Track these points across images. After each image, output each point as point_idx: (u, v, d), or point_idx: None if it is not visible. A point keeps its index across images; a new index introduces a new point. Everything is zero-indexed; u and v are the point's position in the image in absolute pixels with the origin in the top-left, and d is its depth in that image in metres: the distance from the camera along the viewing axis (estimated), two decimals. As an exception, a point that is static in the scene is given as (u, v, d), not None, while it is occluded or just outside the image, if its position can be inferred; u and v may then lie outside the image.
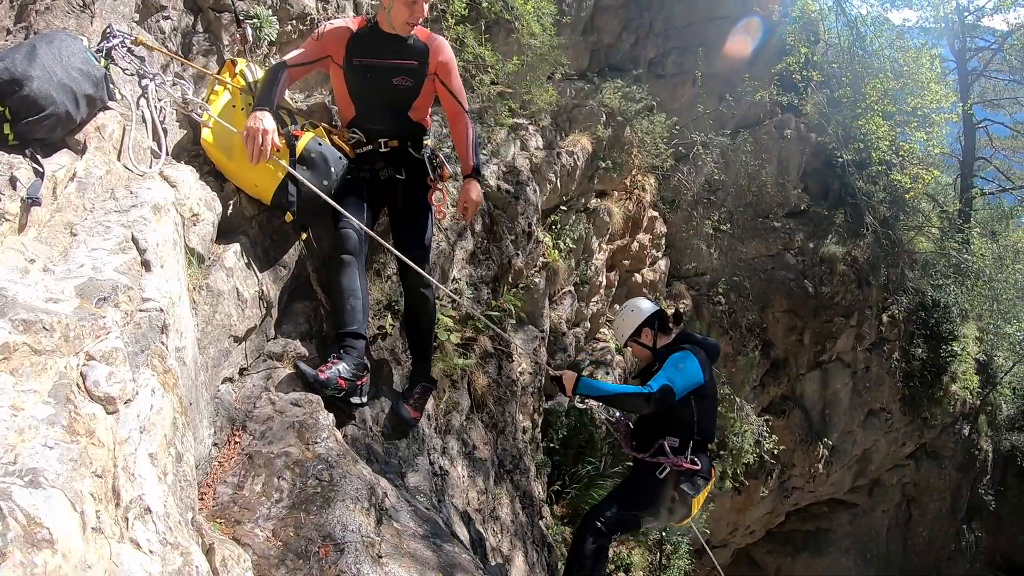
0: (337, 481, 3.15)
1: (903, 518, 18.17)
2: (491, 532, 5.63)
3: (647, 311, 4.84)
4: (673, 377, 4.26)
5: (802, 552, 16.62)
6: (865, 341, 14.66)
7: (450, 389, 5.33)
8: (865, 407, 15.15)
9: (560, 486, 8.19)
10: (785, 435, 12.77)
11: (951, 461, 18.13)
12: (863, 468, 16.04)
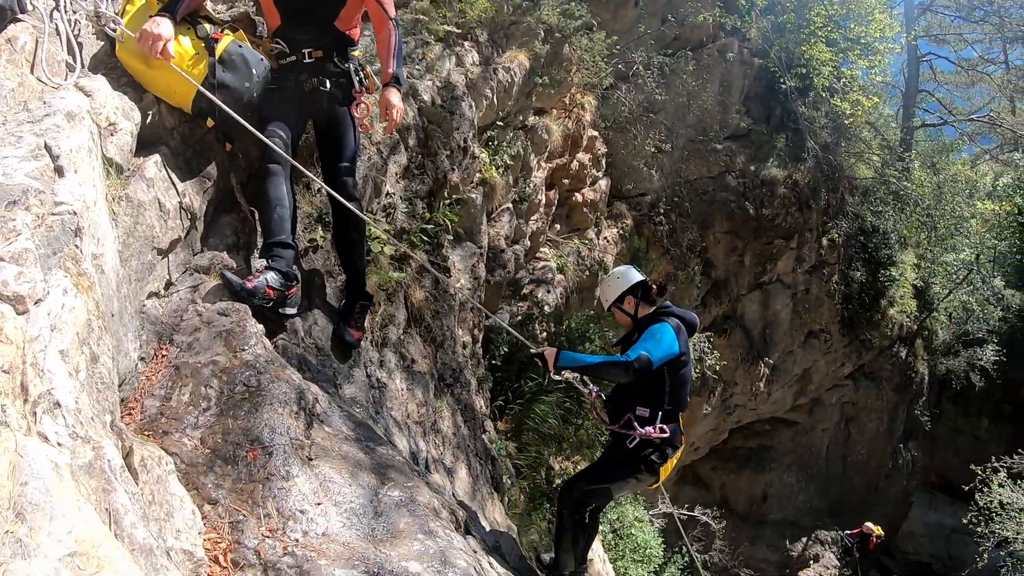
0: (265, 386, 3.15)
1: (842, 436, 18.83)
2: (432, 444, 5.67)
3: (632, 280, 4.87)
4: (651, 347, 4.34)
5: (745, 468, 17.18)
6: (805, 263, 15.02)
7: (385, 303, 5.35)
8: (805, 328, 15.59)
9: (503, 401, 8.28)
10: (727, 354, 13.09)
11: (888, 382, 18.77)
12: (803, 387, 16.55)
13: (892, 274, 17.15)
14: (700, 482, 16.72)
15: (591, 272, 10.15)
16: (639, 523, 10.78)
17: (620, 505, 10.57)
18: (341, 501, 3.12)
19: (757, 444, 17.39)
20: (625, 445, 4.57)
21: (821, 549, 18.11)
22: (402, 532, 3.16)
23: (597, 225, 10.60)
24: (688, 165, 12.42)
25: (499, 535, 6.20)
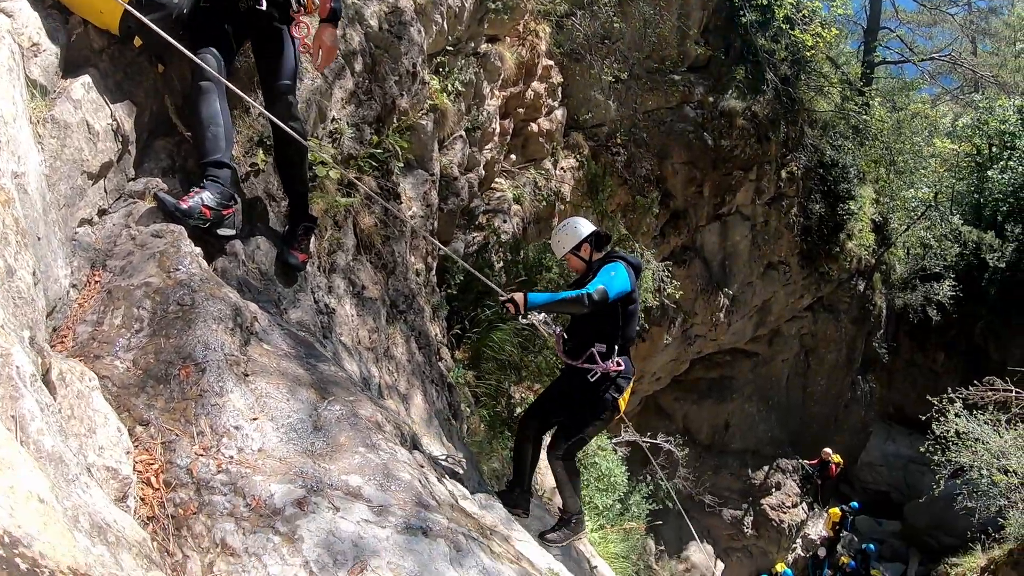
0: (199, 304, 3.05)
1: (802, 367, 19.18)
2: (386, 371, 5.62)
3: (588, 230, 5.20)
4: (607, 282, 4.68)
5: (707, 399, 17.46)
6: (764, 195, 15.07)
7: (333, 228, 5.23)
8: (764, 259, 15.72)
9: (460, 330, 8.26)
10: (686, 284, 13.15)
11: (847, 314, 19.08)
12: (763, 318, 16.76)
13: (851, 208, 17.31)
14: (663, 413, 16.96)
15: (548, 203, 10.07)
16: (602, 452, 10.91)
17: (582, 436, 10.71)
18: (278, 416, 3.03)
19: (718, 375, 17.65)
20: (587, 380, 4.96)
21: (783, 477, 18.57)
22: (343, 446, 3.08)
23: (553, 155, 10.47)
24: (646, 96, 12.26)
25: (456, 460, 6.20)
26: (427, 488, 3.22)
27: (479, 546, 3.00)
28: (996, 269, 22.05)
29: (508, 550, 3.48)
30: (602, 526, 11.02)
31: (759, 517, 18.27)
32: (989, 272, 22.34)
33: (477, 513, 4.85)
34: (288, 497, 2.71)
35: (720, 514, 17.75)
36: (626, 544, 11.67)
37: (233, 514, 2.65)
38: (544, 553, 5.75)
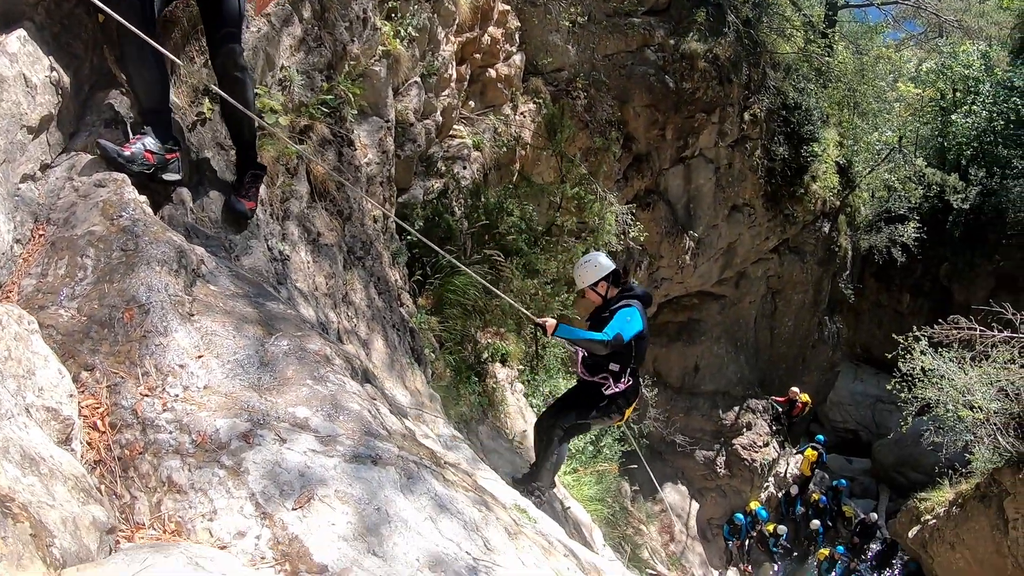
0: (143, 248, 3.02)
1: (769, 309, 19.39)
2: (344, 316, 5.61)
3: (606, 269, 5.89)
4: (623, 328, 5.28)
5: (676, 342, 17.62)
6: (727, 138, 15.06)
7: (285, 175, 5.18)
8: (729, 202, 15.77)
9: (422, 276, 8.27)
10: (651, 228, 13.19)
11: (812, 256, 19.27)
12: (729, 261, 16.86)
13: (815, 150, 17.36)
14: (633, 359, 17.07)
15: (508, 148, 10.00)
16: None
17: (551, 379, 10.74)
18: (224, 353, 3.03)
19: (686, 318, 17.78)
20: (602, 393, 5.75)
21: (753, 417, 18.86)
22: (290, 379, 3.08)
23: (513, 101, 10.36)
24: (605, 39, 12.14)
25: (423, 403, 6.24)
26: (378, 419, 3.23)
27: (431, 474, 3.02)
28: (960, 211, 22.39)
29: (464, 480, 3.51)
30: (575, 469, 11.15)
31: (731, 457, 18.59)
32: (953, 214, 22.71)
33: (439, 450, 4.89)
34: (233, 431, 2.71)
35: (693, 455, 18.05)
36: (600, 486, 11.81)
37: (179, 451, 2.66)
38: (511, 491, 5.82)
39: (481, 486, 4.86)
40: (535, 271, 8.58)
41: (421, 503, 2.78)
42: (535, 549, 3.37)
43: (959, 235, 23.17)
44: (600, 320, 5.72)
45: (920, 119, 23.92)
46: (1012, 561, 11.64)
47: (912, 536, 15.15)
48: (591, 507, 10.95)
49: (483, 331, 9.14)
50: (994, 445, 12.66)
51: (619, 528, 12.78)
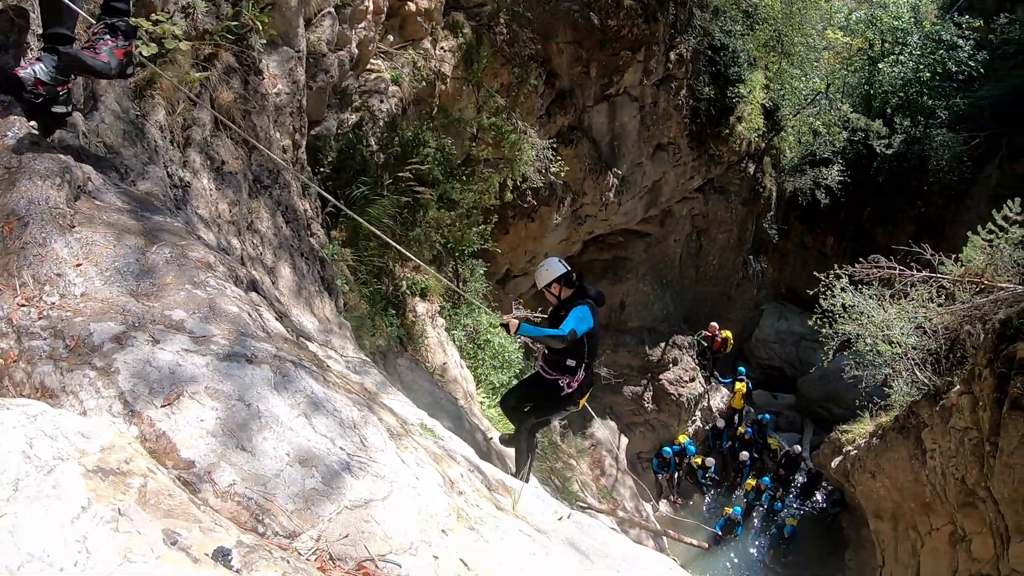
0: (26, 164, 2.96)
1: (694, 247, 19.72)
2: (249, 244, 5.58)
3: (557, 272, 6.40)
4: (576, 325, 5.87)
5: (602, 279, 17.78)
6: (652, 77, 15.08)
7: (187, 103, 5.07)
8: (653, 141, 15.85)
9: (336, 209, 8.23)
10: (574, 164, 13.24)
11: (737, 196, 19.60)
12: (654, 199, 17.03)
13: (740, 92, 17.49)
14: (559, 296, 17.16)
15: (428, 82, 9.91)
16: (494, 329, 11.11)
17: (473, 313, 10.83)
18: (103, 262, 3.03)
19: (612, 256, 17.96)
20: (559, 388, 6.41)
21: (679, 353, 19.25)
22: (169, 285, 3.09)
23: (433, 35, 10.21)
24: (528, -26, 12.00)
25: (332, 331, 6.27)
26: (258, 322, 3.27)
27: (309, 374, 3.07)
28: (884, 157, 23.04)
29: (349, 385, 3.58)
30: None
31: (658, 392, 18.98)
32: (878, 160, 23.37)
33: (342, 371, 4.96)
34: (106, 334, 2.73)
35: (621, 390, 18.39)
36: (526, 419, 12.01)
37: (52, 356, 2.67)
38: (419, 411, 5.93)
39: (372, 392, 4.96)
40: (452, 202, 8.59)
41: (295, 400, 2.83)
42: (421, 452, 3.46)
43: (883, 180, 23.87)
44: (557, 318, 6.32)
45: (848, 67, 24.32)
46: (930, 489, 12.16)
47: (835, 466, 15.70)
48: (518, 439, 11.16)
49: (402, 265, 9.17)
50: (912, 379, 13.13)
51: (548, 462, 13.04)
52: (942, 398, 11.67)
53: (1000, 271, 10.38)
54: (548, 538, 4.51)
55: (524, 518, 4.54)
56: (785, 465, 19.85)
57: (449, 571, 2.67)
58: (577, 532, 5.48)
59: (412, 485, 2.91)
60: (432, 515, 2.84)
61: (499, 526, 3.39)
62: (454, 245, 9.37)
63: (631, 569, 5.23)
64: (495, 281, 12.99)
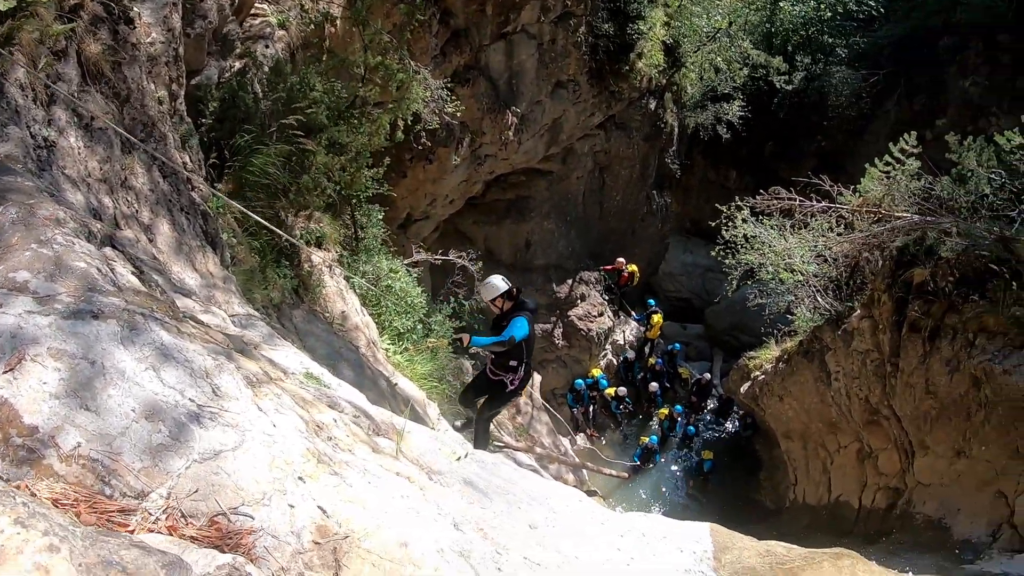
0: None
1: (597, 184, 19.88)
2: (123, 202, 5.39)
3: (500, 289, 7.72)
4: (516, 332, 7.28)
5: (505, 219, 17.82)
6: (550, 14, 14.92)
7: (50, 58, 4.89)
8: (552, 78, 15.77)
9: (219, 160, 7.98)
10: (471, 104, 13.12)
11: (639, 132, 19.75)
12: (555, 137, 17.02)
13: (641, 28, 17.47)
14: (463, 237, 17.18)
15: (316, 25, 9.65)
16: (394, 273, 11.07)
17: (373, 259, 10.77)
18: (-69, 229, 2.94)
19: (515, 195, 17.96)
20: (505, 385, 7.97)
21: (586, 289, 19.49)
22: (14, 246, 3.00)
23: (320, -26, 9.94)
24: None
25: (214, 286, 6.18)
26: (108, 276, 3.20)
27: (161, 325, 3.03)
28: (785, 93, 23.57)
29: (209, 334, 3.56)
30: (406, 348, 11.31)
31: (568, 328, 19.24)
32: (779, 96, 23.90)
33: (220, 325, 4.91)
34: (-61, 305, 2.66)
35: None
36: (435, 363, 12.05)
37: None
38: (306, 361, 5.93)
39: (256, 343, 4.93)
40: (340, 145, 8.45)
41: (143, 353, 2.79)
42: (285, 398, 3.47)
43: (784, 116, 24.51)
44: (499, 327, 7.78)
45: (750, 5, 24.58)
46: (836, 409, 12.75)
47: (744, 391, 16.28)
48: (427, 384, 11.21)
49: (295, 215, 9.02)
50: (814, 305, 13.65)
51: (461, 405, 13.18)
52: (844, 322, 12.22)
53: (897, 201, 10.75)
54: (443, 478, 4.61)
55: (417, 460, 4.62)
56: (696, 393, 20.51)
57: (306, 518, 2.70)
58: (479, 470, 5.59)
59: (267, 432, 2.92)
60: (288, 462, 2.86)
61: (369, 469, 3.44)
62: (347, 191, 9.25)
63: (532, 504, 5.39)
64: (396, 226, 12.88)
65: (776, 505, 16.08)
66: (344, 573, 2.63)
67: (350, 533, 2.76)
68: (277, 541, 2.56)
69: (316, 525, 2.71)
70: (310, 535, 2.66)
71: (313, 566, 2.59)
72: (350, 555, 2.69)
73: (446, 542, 3.08)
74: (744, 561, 5.36)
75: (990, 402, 9.08)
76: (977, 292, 9.47)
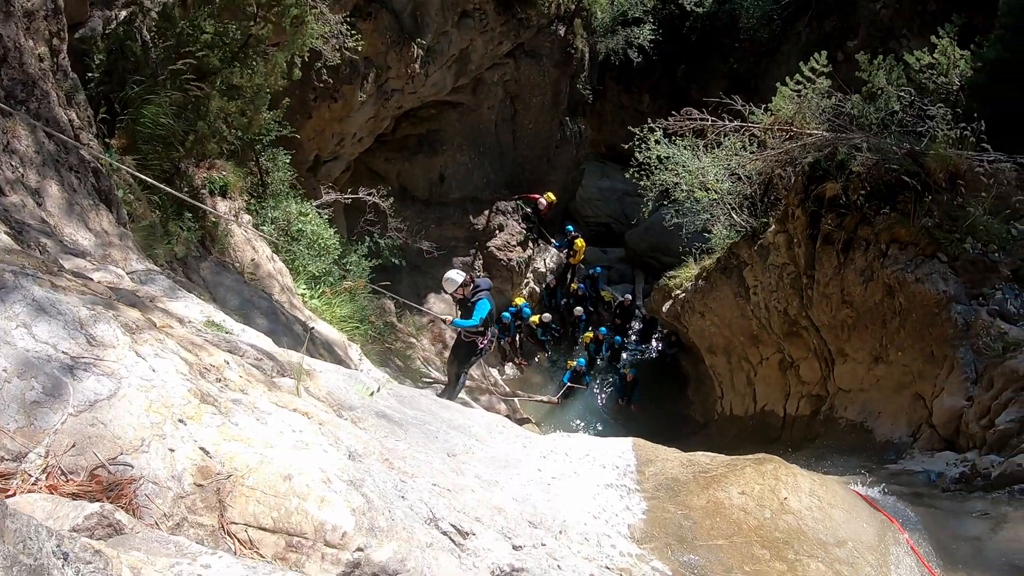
0: None
1: (509, 113, 19.67)
2: (8, 168, 5.16)
3: (458, 282, 9.44)
4: (481, 314, 9.13)
5: (418, 154, 17.55)
6: (451, -60, 14.56)
7: None
8: (458, 7, 15.31)
9: (109, 114, 7.60)
10: (375, 38, 12.73)
11: (549, 59, 19.51)
12: (463, 68, 16.68)
13: (547, -49, 17.15)
14: (376, 176, 16.85)
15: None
16: (304, 216, 10.87)
17: (282, 203, 10.53)
18: None
19: (426, 129, 17.67)
20: (477, 348, 9.83)
21: (504, 219, 19.40)
22: None
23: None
24: None
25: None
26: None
27: (34, 280, 2.93)
28: (696, 16, 23.56)
29: (89, 287, 3.45)
30: (323, 292, 11.18)
31: (488, 259, 19.16)
32: (690, 20, 23.89)
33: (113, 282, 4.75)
34: None
35: (451, 263, 18.47)
36: (354, 305, 11.95)
37: None
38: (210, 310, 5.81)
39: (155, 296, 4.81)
40: (236, 88, 8.14)
41: (14, 311, 2.72)
42: (169, 342, 3.40)
43: (695, 39, 24.57)
44: (466, 308, 9.56)
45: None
46: (756, 322, 13.20)
47: (666, 311, 16.72)
48: (347, 326, 11.12)
49: (196, 165, 8.72)
50: (730, 223, 14.02)
51: (386, 344, 13.13)
52: (759, 238, 12.58)
53: (808, 119, 11.01)
54: (355, 413, 4.61)
55: (326, 397, 4.60)
56: (620, 315, 20.88)
57: (186, 461, 2.69)
58: (396, 403, 5.63)
59: (145, 378, 2.88)
60: (167, 406, 2.83)
61: (260, 407, 3.42)
62: (248, 135, 8.96)
63: (453, 433, 5.46)
64: (305, 169, 12.57)
65: (705, 419, 16.64)
66: (229, 512, 2.63)
67: (233, 472, 2.76)
68: (158, 487, 2.56)
69: (197, 467, 2.70)
70: (191, 478, 2.66)
71: (196, 509, 2.59)
72: (234, 494, 2.69)
73: (334, 471, 3.08)
74: (667, 472, 5.59)
75: (904, 309, 9.53)
76: (888, 204, 9.86)
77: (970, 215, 9.29)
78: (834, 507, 5.26)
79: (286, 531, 2.65)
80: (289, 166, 10.85)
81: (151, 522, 2.42)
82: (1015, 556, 5.29)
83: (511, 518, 4.00)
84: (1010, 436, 7.55)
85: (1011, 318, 8.70)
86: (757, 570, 4.41)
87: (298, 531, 2.68)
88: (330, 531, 2.74)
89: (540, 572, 3.58)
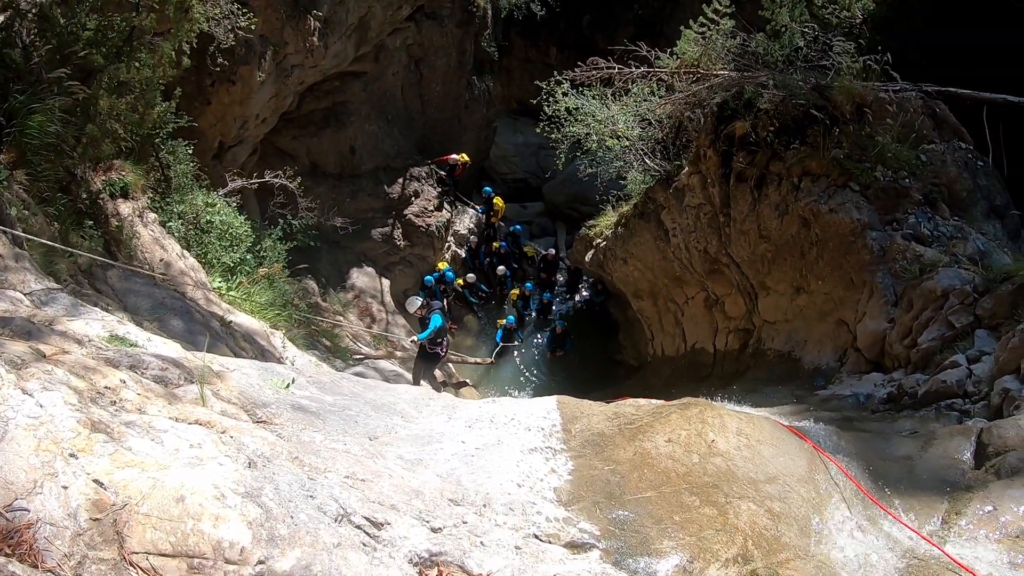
0: None
1: (414, 78, 19.33)
2: None
3: (418, 303, 12.37)
4: (437, 326, 11.57)
5: (325, 129, 17.11)
6: (337, -98, 14.01)
7: None
8: (352, -26, 14.97)
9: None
10: (269, 14, 12.27)
11: (450, 19, 19.20)
12: (363, 36, 16.23)
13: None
14: (286, 155, 16.32)
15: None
16: (212, 207, 10.53)
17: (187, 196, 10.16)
18: None
19: (331, 103, 17.18)
20: (437, 356, 12.39)
21: (419, 185, 19.17)
22: None
23: None
24: None
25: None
26: None
27: None
28: (598, -36, 23.32)
29: None
30: (240, 282, 10.92)
31: (407, 228, 18.94)
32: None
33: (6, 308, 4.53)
34: None
35: (370, 235, 18.25)
36: (274, 291, 11.72)
37: None
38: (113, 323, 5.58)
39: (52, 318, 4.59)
40: (124, 84, 7.74)
41: None
42: (58, 372, 3.29)
43: (599, -13, 24.32)
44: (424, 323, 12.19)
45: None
46: (678, 264, 13.40)
47: (590, 260, 16.90)
48: (270, 313, 10.90)
49: (94, 170, 8.31)
50: (644, 168, 14.18)
51: (312, 326, 12.92)
52: (674, 181, 12.76)
53: (714, 60, 11.13)
54: (268, 410, 4.48)
55: (238, 398, 4.46)
56: (544, 269, 20.99)
57: (80, 497, 2.64)
58: (316, 392, 5.49)
59: (32, 415, 2.81)
60: (55, 442, 2.77)
61: (156, 426, 3.34)
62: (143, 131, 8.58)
63: (375, 415, 5.35)
64: (210, 157, 12.14)
65: (638, 362, 17.04)
66: (128, 543, 2.59)
67: (128, 500, 2.72)
68: (56, 528, 2.53)
69: (91, 501, 2.65)
70: (86, 513, 2.61)
71: (95, 544, 2.54)
72: (130, 523, 2.65)
73: (228, 485, 3.04)
74: (594, 428, 5.58)
75: (820, 240, 9.79)
76: (797, 139, 10.06)
77: (879, 144, 9.55)
78: (762, 444, 5.27)
79: (186, 554, 2.64)
80: (192, 157, 10.46)
81: (52, 565, 2.37)
82: (945, 472, 5.43)
83: (429, 500, 3.96)
84: (933, 353, 7.90)
85: (925, 240, 9.02)
86: (688, 518, 4.36)
87: (197, 552, 2.66)
88: (228, 548, 2.72)
89: (460, 552, 3.57)
